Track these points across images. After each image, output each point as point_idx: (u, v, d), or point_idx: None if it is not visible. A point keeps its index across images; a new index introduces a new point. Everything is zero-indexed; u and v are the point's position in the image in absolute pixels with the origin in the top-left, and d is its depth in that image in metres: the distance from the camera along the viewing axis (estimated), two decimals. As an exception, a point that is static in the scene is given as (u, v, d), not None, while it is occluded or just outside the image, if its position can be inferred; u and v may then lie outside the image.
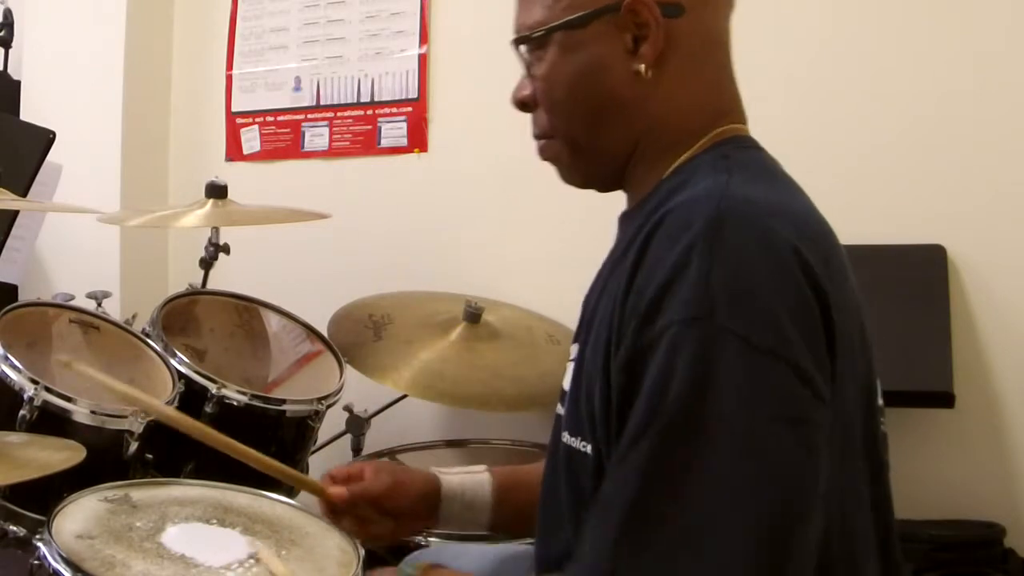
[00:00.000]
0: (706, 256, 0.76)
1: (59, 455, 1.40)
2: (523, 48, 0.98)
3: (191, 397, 1.78)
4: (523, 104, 1.01)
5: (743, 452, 0.73)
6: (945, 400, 1.77)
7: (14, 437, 1.51)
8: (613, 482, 0.78)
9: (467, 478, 1.23)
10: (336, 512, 1.24)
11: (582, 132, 0.96)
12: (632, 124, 0.93)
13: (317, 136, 2.71)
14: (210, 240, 2.19)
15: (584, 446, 0.88)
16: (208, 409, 1.79)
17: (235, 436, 1.80)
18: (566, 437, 0.92)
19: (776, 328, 0.75)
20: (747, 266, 0.77)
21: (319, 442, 2.05)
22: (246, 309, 2.16)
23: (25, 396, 1.57)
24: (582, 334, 0.95)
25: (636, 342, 0.79)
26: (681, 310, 0.76)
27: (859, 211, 1.92)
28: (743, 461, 0.73)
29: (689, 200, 0.84)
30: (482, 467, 1.24)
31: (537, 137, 1.01)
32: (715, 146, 0.92)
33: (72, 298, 1.94)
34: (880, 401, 0.92)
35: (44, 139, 2.25)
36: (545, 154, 1.01)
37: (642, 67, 0.90)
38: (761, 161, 0.94)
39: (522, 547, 1.24)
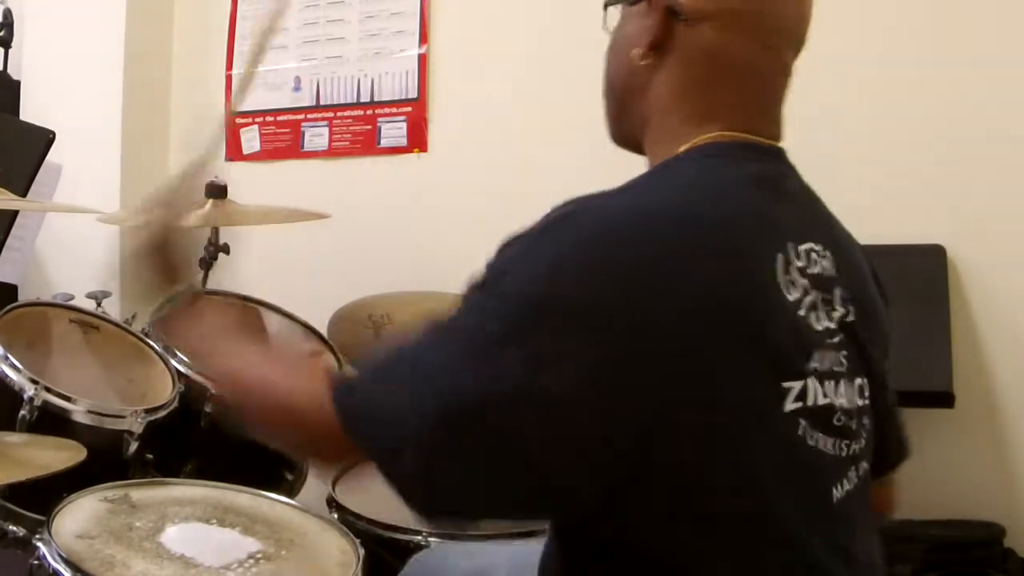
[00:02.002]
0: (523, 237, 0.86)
1: (59, 455, 1.40)
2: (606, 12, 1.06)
3: (191, 397, 1.79)
4: None
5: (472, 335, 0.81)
6: (945, 400, 1.77)
7: (14, 437, 1.52)
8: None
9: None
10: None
11: (606, 93, 1.05)
12: (634, 107, 1.00)
13: (317, 136, 2.71)
14: (210, 240, 2.19)
15: None
16: (208, 409, 1.79)
17: (235, 436, 1.83)
18: None
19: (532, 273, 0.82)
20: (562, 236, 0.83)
21: (319, 442, 2.05)
22: (246, 309, 2.16)
23: (25, 396, 1.56)
24: None
25: None
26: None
27: (859, 211, 1.89)
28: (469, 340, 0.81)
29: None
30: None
31: None
32: (678, 155, 0.94)
33: (72, 298, 1.95)
34: (791, 384, 0.86)
35: (44, 139, 2.25)
36: None
37: (635, 52, 0.96)
38: (693, 172, 0.92)
39: (533, 546, 1.24)
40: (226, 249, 2.20)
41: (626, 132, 1.03)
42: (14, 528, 1.52)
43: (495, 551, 1.28)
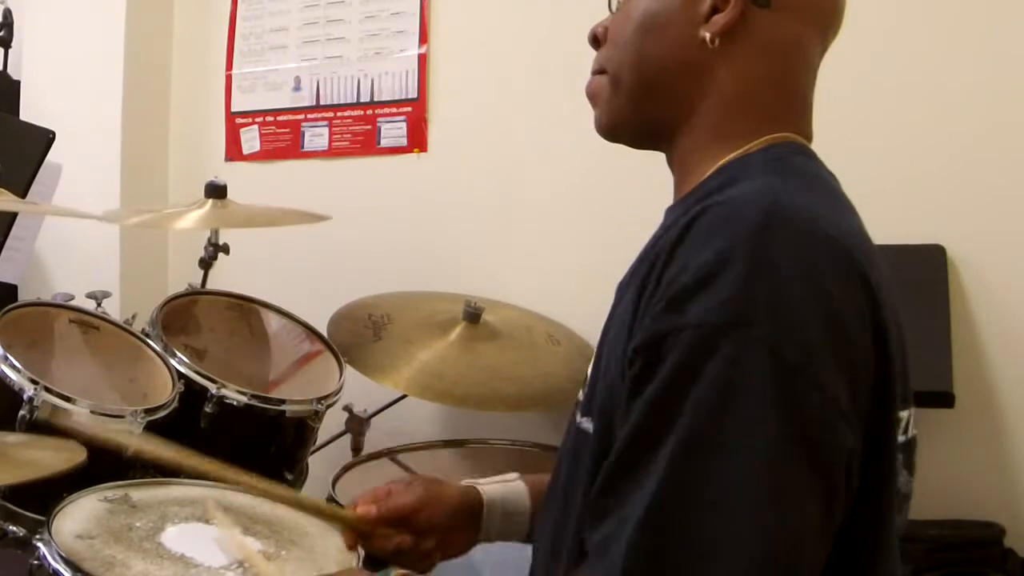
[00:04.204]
0: (750, 261, 0.75)
1: (59, 455, 1.40)
2: None
3: (191, 397, 1.78)
4: (595, 38, 1.02)
5: (764, 471, 0.73)
6: (945, 400, 1.77)
7: (13, 437, 1.51)
8: (629, 484, 0.77)
9: (505, 487, 1.19)
10: (368, 536, 1.13)
11: (628, 72, 0.96)
12: (685, 89, 0.93)
13: (317, 136, 2.71)
14: (209, 240, 2.20)
15: (589, 425, 0.89)
16: (208, 409, 1.79)
17: (235, 436, 1.83)
18: (582, 420, 0.92)
19: (807, 345, 0.74)
20: (790, 279, 0.75)
21: (319, 442, 2.05)
22: (246, 309, 2.16)
23: (25, 396, 1.56)
24: (610, 317, 0.94)
25: (659, 325, 0.77)
26: (717, 312, 0.74)
27: (859, 211, 1.92)
28: (762, 480, 0.73)
29: (738, 197, 0.83)
30: (514, 475, 1.21)
31: (592, 73, 1.02)
32: (771, 147, 0.91)
33: (72, 298, 1.94)
34: (904, 413, 0.88)
35: (44, 139, 2.25)
36: (588, 88, 1.01)
37: (707, 35, 0.90)
38: (816, 171, 0.92)
39: (520, 548, 1.24)
40: (226, 249, 2.21)
41: (647, 117, 0.96)
42: (14, 528, 1.52)
43: (485, 550, 1.28)
